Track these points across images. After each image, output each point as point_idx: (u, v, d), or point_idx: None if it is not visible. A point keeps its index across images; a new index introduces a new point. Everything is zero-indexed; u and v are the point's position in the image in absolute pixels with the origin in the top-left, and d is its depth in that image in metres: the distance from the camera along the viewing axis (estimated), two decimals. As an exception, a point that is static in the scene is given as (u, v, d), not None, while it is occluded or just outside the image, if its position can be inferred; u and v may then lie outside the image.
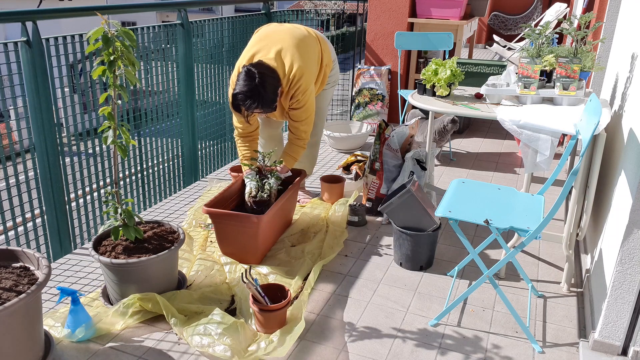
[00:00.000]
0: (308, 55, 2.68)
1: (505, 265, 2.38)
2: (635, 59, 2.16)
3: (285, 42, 2.66)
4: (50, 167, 2.61)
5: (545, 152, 2.27)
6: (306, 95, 2.64)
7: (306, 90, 2.63)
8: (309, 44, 2.74)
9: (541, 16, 8.15)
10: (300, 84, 2.60)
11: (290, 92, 2.63)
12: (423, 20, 4.50)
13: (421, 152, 2.99)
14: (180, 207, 3.28)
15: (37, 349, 1.80)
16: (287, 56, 2.61)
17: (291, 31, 2.73)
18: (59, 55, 2.64)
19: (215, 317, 1.98)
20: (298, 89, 2.61)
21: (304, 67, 2.62)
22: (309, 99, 2.68)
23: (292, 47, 2.64)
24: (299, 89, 2.61)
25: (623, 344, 1.87)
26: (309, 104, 2.69)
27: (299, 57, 2.62)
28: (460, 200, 2.18)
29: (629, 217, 1.73)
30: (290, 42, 2.66)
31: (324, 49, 2.85)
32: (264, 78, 2.48)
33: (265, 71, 2.51)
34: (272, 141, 3.17)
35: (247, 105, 2.49)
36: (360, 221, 2.97)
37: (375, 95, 4.65)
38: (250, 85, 2.46)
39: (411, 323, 2.15)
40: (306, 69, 2.63)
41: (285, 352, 1.91)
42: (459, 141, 4.54)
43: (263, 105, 2.49)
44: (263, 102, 2.49)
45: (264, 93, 2.47)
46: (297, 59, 2.61)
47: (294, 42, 2.66)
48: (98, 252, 2.11)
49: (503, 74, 2.79)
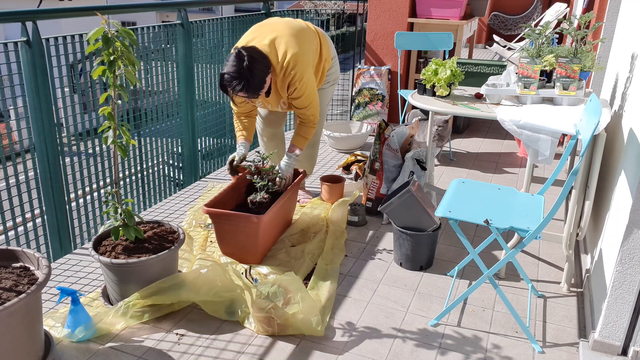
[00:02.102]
0: (304, 44, 2.66)
1: (505, 265, 2.38)
2: (635, 59, 2.16)
3: (280, 31, 2.65)
4: (50, 167, 2.61)
5: (546, 152, 2.28)
6: (304, 83, 2.62)
7: (302, 78, 2.60)
8: (306, 34, 2.73)
9: (541, 16, 8.15)
10: (296, 71, 2.58)
11: (286, 80, 2.61)
12: (423, 20, 4.50)
13: (421, 152, 2.99)
14: (180, 207, 3.28)
15: (37, 349, 1.80)
16: (281, 44, 2.59)
17: (288, 22, 2.73)
18: (59, 55, 2.64)
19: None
20: (294, 76, 2.59)
21: (299, 54, 2.59)
22: (308, 86, 2.65)
23: (287, 36, 2.62)
24: (295, 77, 2.59)
25: (623, 344, 1.87)
26: (309, 91, 2.66)
27: (294, 44, 2.59)
28: (460, 200, 2.18)
29: (629, 217, 1.73)
30: (286, 31, 2.65)
31: (322, 42, 2.84)
32: (253, 62, 2.46)
33: (256, 55, 2.49)
34: (274, 140, 3.16)
35: (232, 86, 2.47)
36: (360, 221, 2.97)
37: (375, 95, 4.65)
38: (238, 67, 2.44)
39: (411, 323, 2.15)
40: (301, 56, 2.60)
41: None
42: (459, 141, 4.54)
43: (248, 89, 2.47)
44: (248, 86, 2.46)
45: (250, 77, 2.45)
46: (292, 47, 2.58)
47: (290, 31, 2.65)
48: (98, 252, 2.11)
49: (503, 74, 2.79)
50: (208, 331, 2.09)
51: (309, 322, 2.02)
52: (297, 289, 2.08)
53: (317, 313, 2.06)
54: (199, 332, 2.08)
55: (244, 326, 2.11)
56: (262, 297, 2.05)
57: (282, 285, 2.09)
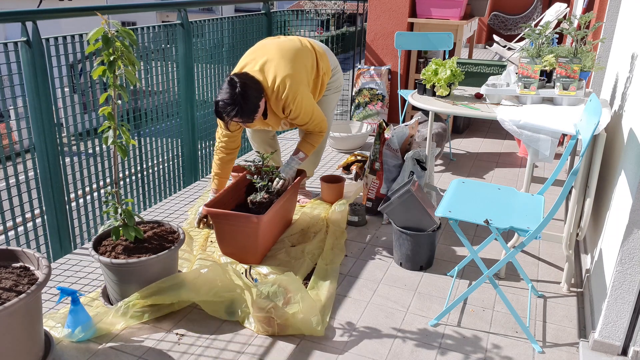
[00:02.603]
0: (296, 64, 2.69)
1: (505, 265, 2.38)
2: (635, 59, 2.16)
3: (271, 54, 2.69)
4: (50, 167, 2.61)
5: (546, 152, 2.28)
6: (298, 103, 2.65)
7: (295, 98, 2.64)
8: (299, 53, 2.75)
9: (541, 16, 8.15)
10: (287, 93, 2.62)
11: (279, 103, 2.65)
12: (423, 20, 4.50)
13: (421, 152, 2.99)
14: (180, 207, 3.28)
15: (37, 349, 1.80)
16: (270, 69, 2.64)
17: (280, 44, 2.76)
18: (59, 55, 2.64)
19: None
20: (286, 99, 2.63)
21: (289, 75, 2.63)
22: (303, 105, 2.68)
23: (277, 59, 2.67)
24: (288, 99, 2.63)
25: (623, 344, 1.87)
26: (304, 109, 2.70)
27: (283, 67, 2.64)
28: (460, 200, 2.18)
29: (629, 217, 1.73)
30: (277, 54, 2.69)
31: (320, 58, 2.87)
32: (245, 88, 2.51)
33: (248, 81, 2.55)
34: (264, 145, 3.18)
35: (226, 112, 2.52)
36: (360, 221, 2.97)
37: (375, 95, 4.65)
38: (231, 94, 2.50)
39: (411, 323, 2.15)
40: (291, 77, 2.64)
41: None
42: (459, 141, 4.54)
43: (242, 114, 2.53)
44: (242, 111, 2.52)
45: (243, 102, 2.50)
46: (282, 70, 2.63)
47: (281, 53, 2.69)
48: (98, 252, 2.11)
49: (503, 74, 2.79)
50: (208, 331, 2.09)
51: (309, 322, 2.02)
52: (297, 289, 2.08)
53: (317, 313, 2.06)
54: (199, 332, 2.08)
55: (244, 326, 2.11)
56: (262, 297, 2.05)
57: (282, 285, 2.09)
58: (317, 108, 2.78)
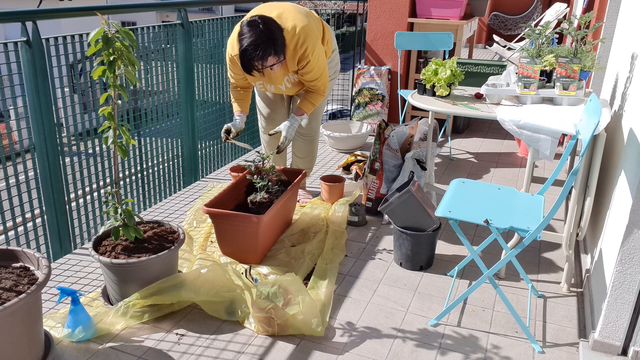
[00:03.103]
0: (311, 20, 2.61)
1: (505, 265, 2.38)
2: (635, 59, 2.16)
3: (284, 8, 2.59)
4: (50, 167, 2.61)
5: (546, 151, 2.28)
6: (315, 55, 2.56)
7: (314, 50, 2.54)
8: (311, 14, 2.70)
9: (541, 16, 8.15)
10: (308, 44, 2.50)
11: (297, 52, 2.54)
12: (423, 20, 4.50)
13: (421, 152, 2.99)
14: (180, 207, 3.28)
15: (37, 349, 1.80)
16: (288, 19, 2.52)
17: (292, 4, 2.69)
18: (59, 55, 2.64)
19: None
20: (306, 49, 2.51)
21: (308, 27, 2.52)
22: (320, 59, 2.60)
23: (293, 12, 2.57)
24: (307, 50, 2.51)
25: (623, 344, 1.87)
26: (319, 63, 2.62)
27: (301, 18, 2.54)
28: (460, 200, 2.18)
29: (629, 217, 1.73)
30: (291, 8, 2.60)
31: (325, 29, 2.81)
32: (268, 24, 2.37)
33: (268, 20, 2.41)
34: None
35: (259, 55, 2.36)
36: (360, 221, 2.97)
37: (375, 95, 4.65)
38: (257, 32, 2.35)
39: (411, 323, 2.15)
40: (311, 30, 2.53)
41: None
42: (459, 141, 4.54)
43: (276, 48, 2.37)
44: (276, 46, 2.37)
45: (272, 37, 2.35)
46: (300, 20, 2.52)
47: (296, 8, 2.61)
48: (98, 252, 2.11)
49: (503, 74, 2.79)
50: (208, 331, 2.09)
51: (309, 323, 2.02)
52: (298, 290, 2.08)
53: (317, 314, 2.06)
54: (199, 332, 2.08)
55: (244, 326, 2.11)
56: (262, 297, 2.05)
57: (282, 286, 2.09)
58: (327, 67, 2.72)
